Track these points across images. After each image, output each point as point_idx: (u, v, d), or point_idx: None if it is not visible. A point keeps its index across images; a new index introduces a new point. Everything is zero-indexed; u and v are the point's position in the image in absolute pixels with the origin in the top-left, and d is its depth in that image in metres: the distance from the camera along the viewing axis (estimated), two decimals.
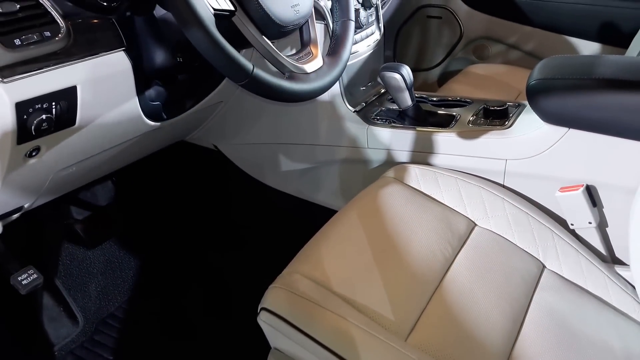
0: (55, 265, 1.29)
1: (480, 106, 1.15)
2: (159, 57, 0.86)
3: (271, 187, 1.37)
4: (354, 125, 1.19)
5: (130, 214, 1.44)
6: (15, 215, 0.94)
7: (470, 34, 1.93)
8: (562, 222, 0.99)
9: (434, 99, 1.25)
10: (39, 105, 0.71)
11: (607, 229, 0.98)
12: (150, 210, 1.47)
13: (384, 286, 0.80)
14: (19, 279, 1.13)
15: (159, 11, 0.82)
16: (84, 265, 1.33)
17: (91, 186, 1.12)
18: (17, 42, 0.67)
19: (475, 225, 0.95)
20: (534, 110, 0.96)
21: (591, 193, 0.96)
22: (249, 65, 0.71)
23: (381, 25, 1.31)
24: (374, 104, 1.28)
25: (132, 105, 0.87)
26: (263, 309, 0.79)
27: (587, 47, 1.71)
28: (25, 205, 0.94)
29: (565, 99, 0.90)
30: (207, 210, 1.48)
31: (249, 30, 0.75)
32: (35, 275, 1.10)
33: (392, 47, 2.07)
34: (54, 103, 0.73)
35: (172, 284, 1.40)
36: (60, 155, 0.84)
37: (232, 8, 0.73)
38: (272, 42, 0.78)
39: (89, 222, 1.36)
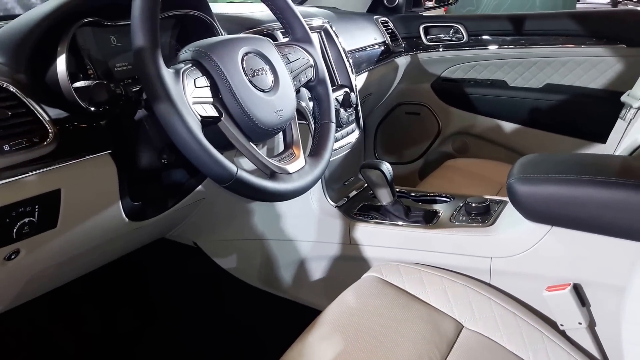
0: None
1: (462, 202, 1.17)
2: (144, 158, 0.87)
3: (251, 285, 1.33)
4: (336, 221, 1.19)
5: (107, 313, 1.38)
6: None
7: (448, 129, 1.99)
8: (551, 323, 0.96)
9: (414, 194, 1.26)
10: (22, 209, 0.71)
11: (598, 329, 0.95)
12: (129, 309, 1.41)
13: None
14: None
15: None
16: None
17: (68, 286, 1.08)
18: (6, 147, 0.67)
19: (463, 327, 0.93)
20: (516, 208, 0.96)
21: (579, 292, 0.94)
22: (233, 167, 0.73)
23: (361, 123, 1.35)
24: (355, 199, 1.29)
25: (115, 207, 0.87)
26: None
27: (565, 142, 1.75)
28: None
29: (546, 197, 0.90)
30: (187, 309, 1.42)
31: (234, 134, 0.77)
32: None
33: (372, 143, 2.13)
34: (37, 206, 0.72)
35: None
36: (39, 258, 0.81)
37: (217, 115, 0.75)
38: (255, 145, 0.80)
39: (64, 324, 1.30)
